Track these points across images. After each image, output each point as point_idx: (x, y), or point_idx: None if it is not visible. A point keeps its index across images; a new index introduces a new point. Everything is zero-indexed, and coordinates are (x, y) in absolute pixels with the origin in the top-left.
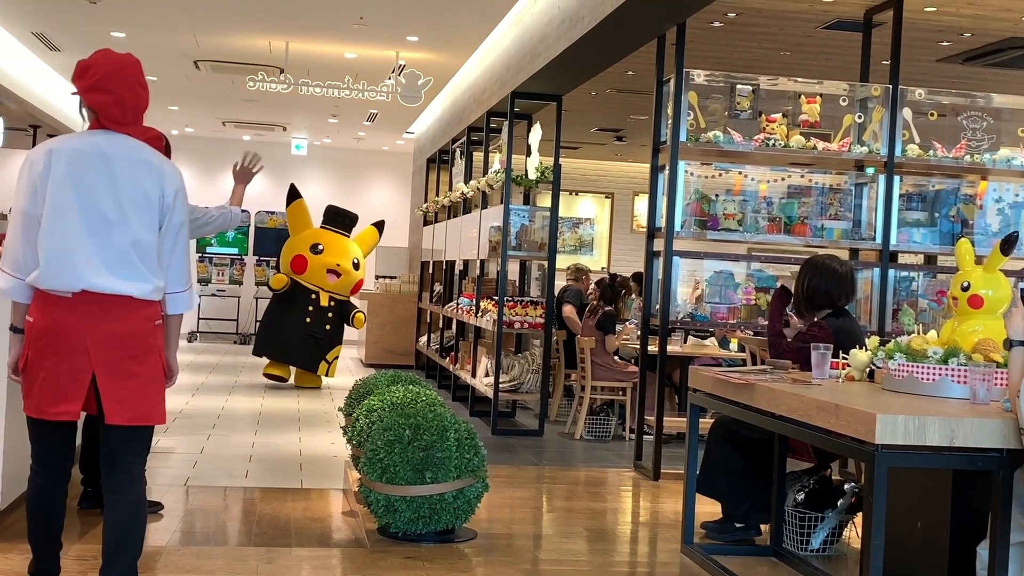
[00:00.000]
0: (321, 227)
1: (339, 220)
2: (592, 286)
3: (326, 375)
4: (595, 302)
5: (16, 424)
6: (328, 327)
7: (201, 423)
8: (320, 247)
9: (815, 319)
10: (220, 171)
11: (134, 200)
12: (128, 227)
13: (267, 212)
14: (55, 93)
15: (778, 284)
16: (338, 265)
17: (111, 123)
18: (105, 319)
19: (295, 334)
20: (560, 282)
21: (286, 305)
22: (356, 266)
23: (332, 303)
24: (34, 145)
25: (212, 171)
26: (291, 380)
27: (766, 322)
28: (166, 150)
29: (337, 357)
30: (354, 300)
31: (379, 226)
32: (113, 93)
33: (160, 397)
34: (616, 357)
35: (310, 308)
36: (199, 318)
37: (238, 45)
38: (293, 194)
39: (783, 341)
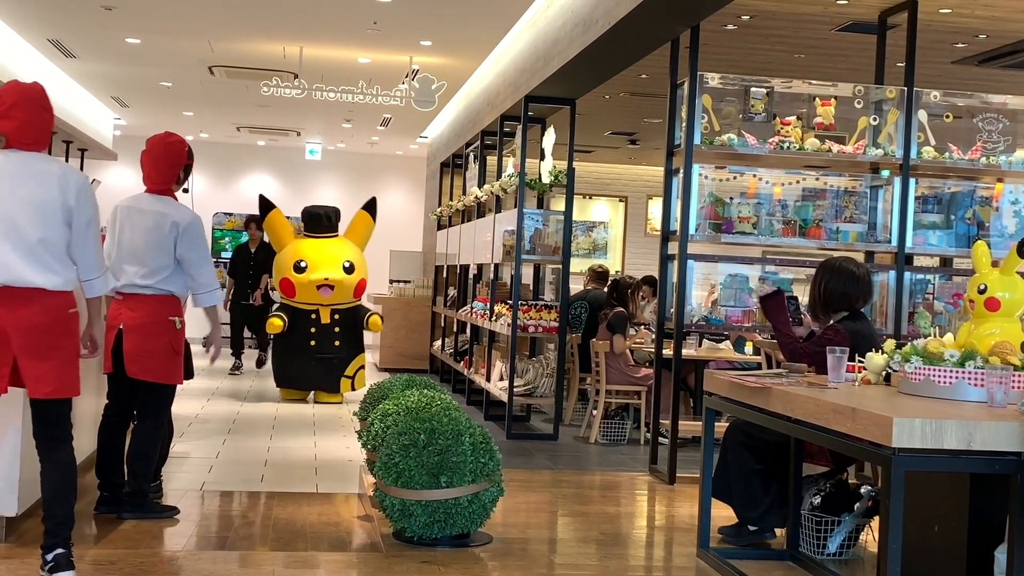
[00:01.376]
0: (304, 235)
1: (319, 223)
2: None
3: (352, 390)
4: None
5: (31, 432)
6: (337, 343)
7: (216, 428)
8: (303, 264)
9: (831, 322)
10: (234, 177)
11: (36, 207)
12: (35, 229)
13: None
14: (70, 100)
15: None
16: (326, 279)
17: (20, 144)
18: (23, 310)
19: (304, 361)
20: (576, 286)
21: (289, 333)
22: (350, 269)
23: (336, 316)
24: (50, 151)
25: (227, 177)
26: (310, 397)
27: (770, 323)
28: (188, 155)
29: (362, 367)
30: (366, 303)
31: (370, 208)
32: (18, 119)
33: (75, 373)
34: (629, 353)
35: (312, 330)
36: None
37: (252, 50)
38: (265, 206)
39: (795, 341)
